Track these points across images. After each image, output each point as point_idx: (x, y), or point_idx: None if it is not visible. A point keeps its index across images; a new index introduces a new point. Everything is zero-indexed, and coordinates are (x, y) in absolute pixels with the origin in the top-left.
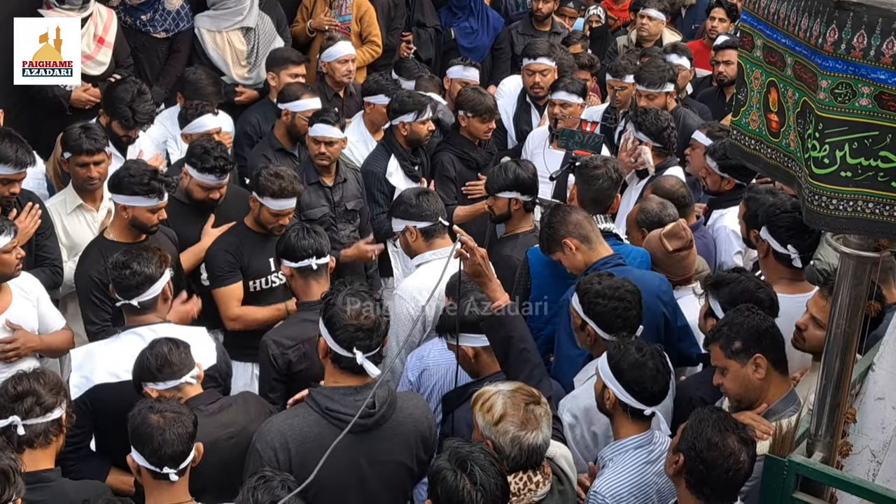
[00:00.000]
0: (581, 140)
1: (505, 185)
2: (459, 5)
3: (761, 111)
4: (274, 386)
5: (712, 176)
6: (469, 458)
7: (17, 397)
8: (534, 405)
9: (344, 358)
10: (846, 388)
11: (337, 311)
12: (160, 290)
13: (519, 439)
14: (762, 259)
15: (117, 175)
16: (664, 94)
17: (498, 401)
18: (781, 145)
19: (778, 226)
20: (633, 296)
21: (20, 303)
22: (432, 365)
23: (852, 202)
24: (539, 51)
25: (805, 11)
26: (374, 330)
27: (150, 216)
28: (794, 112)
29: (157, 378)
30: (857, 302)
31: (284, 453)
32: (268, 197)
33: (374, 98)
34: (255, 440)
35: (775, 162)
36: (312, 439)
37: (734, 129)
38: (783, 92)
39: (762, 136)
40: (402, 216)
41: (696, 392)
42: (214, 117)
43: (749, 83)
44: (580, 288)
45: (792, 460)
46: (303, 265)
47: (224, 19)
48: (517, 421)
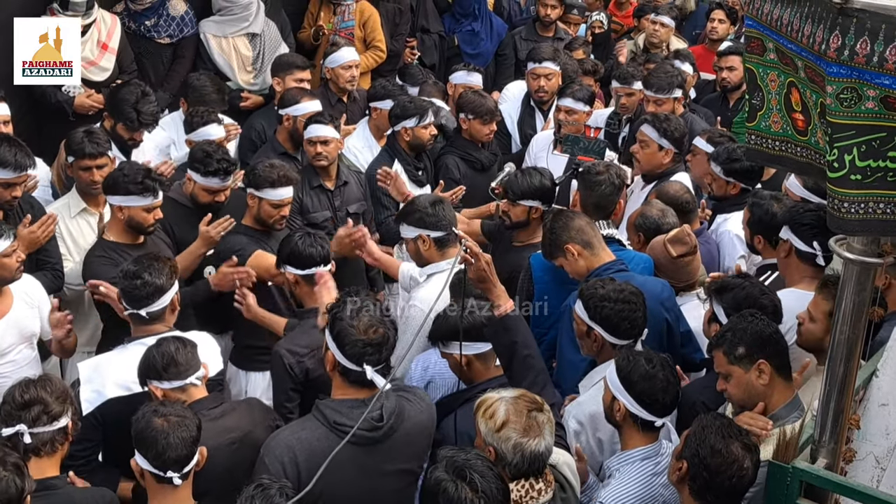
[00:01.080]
0: (584, 145)
1: (528, 193)
2: (463, 11)
3: (783, 111)
4: (291, 395)
5: (718, 181)
6: (466, 467)
7: (25, 405)
8: (536, 412)
9: (353, 371)
10: (850, 395)
11: (345, 326)
12: (169, 301)
13: (521, 446)
14: (783, 259)
15: (111, 176)
16: (672, 100)
17: (500, 407)
18: (811, 143)
19: (802, 224)
20: (638, 298)
21: (21, 306)
22: (438, 378)
23: (864, 204)
24: (544, 54)
25: (808, 18)
26: (383, 344)
27: (146, 215)
28: (816, 112)
29: (163, 377)
30: (861, 308)
31: (293, 467)
32: (266, 188)
33: (381, 103)
34: (262, 453)
35: (807, 159)
36: (321, 453)
37: (752, 134)
38: (803, 92)
39: (788, 135)
40: (415, 224)
41: (699, 397)
42: (219, 126)
43: (765, 86)
44: (584, 293)
45: (796, 466)
46: (309, 273)
47: (230, 25)
48: (519, 428)
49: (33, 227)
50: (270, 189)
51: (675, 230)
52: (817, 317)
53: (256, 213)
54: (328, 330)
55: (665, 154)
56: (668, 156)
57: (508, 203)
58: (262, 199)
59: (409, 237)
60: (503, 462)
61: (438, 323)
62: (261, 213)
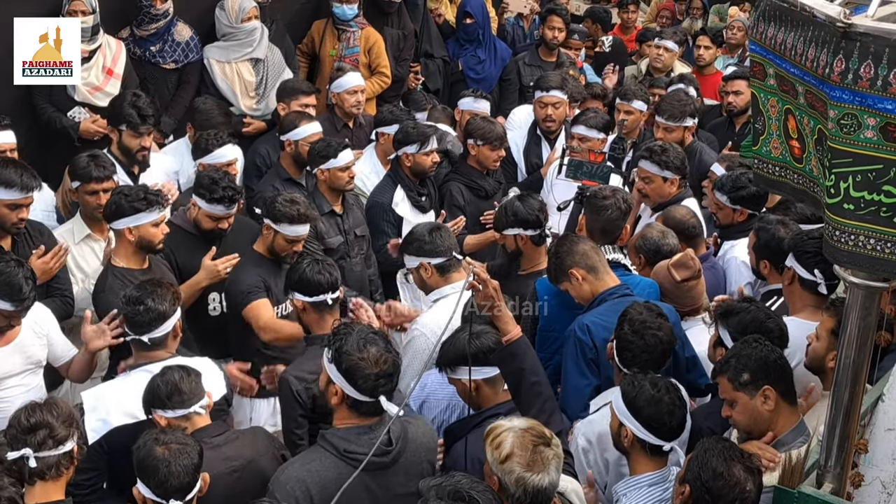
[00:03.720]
0: (588, 170)
1: (507, 224)
2: (467, 37)
3: (782, 137)
4: (300, 422)
5: (724, 210)
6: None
7: (31, 429)
8: (543, 447)
9: (364, 403)
10: (856, 419)
11: (355, 361)
12: (171, 328)
13: (524, 480)
14: (787, 287)
15: (112, 202)
16: (682, 129)
17: (508, 439)
18: (805, 170)
19: (805, 251)
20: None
21: (28, 334)
22: (431, 397)
23: (854, 236)
24: (551, 83)
25: (812, 42)
26: (394, 374)
27: (155, 230)
28: (812, 139)
29: (167, 406)
30: (867, 332)
31: (307, 501)
32: (284, 223)
33: (388, 128)
34: (273, 489)
35: (802, 187)
36: (333, 483)
37: (755, 158)
38: (800, 119)
39: (786, 161)
40: (415, 253)
41: (704, 422)
42: (234, 147)
43: (766, 111)
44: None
45: (802, 491)
46: (318, 300)
47: (233, 50)
48: (524, 462)
49: (46, 258)
50: (288, 225)
51: (679, 255)
52: (821, 334)
53: (270, 243)
54: (334, 366)
55: (671, 183)
56: (673, 184)
57: (500, 235)
58: (279, 232)
59: (412, 266)
60: (506, 493)
61: (446, 348)
62: (274, 245)
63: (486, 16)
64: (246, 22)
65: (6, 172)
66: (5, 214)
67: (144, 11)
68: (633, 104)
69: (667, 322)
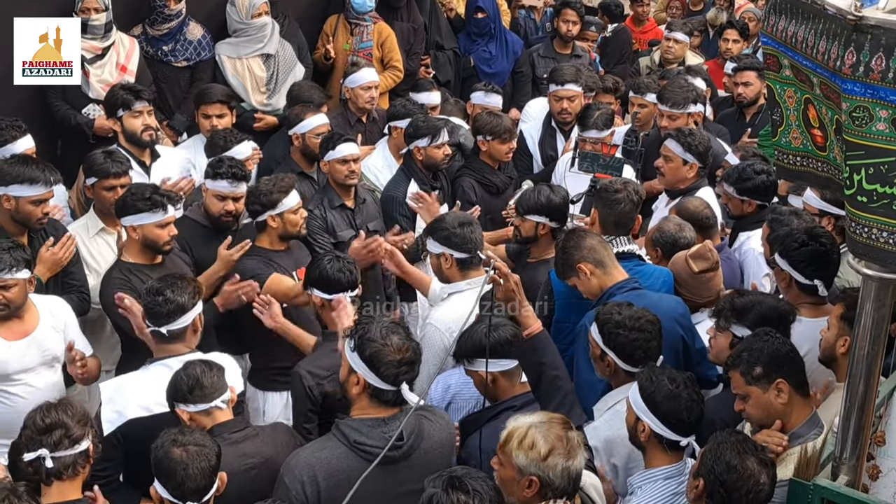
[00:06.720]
0: (602, 162)
1: (534, 208)
2: (479, 32)
3: (802, 127)
4: (310, 417)
5: (733, 200)
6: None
7: (46, 430)
8: (570, 431)
9: (385, 391)
10: (871, 411)
11: (378, 347)
12: (190, 321)
13: (568, 470)
14: (784, 288)
15: (120, 199)
16: (686, 115)
17: (538, 436)
18: (830, 158)
19: (799, 261)
20: (654, 326)
21: (46, 328)
22: (458, 398)
23: (867, 228)
24: (566, 76)
25: (823, 34)
26: (416, 361)
27: (160, 232)
28: (832, 128)
29: (189, 400)
30: (881, 324)
31: (313, 487)
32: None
33: (401, 122)
34: (282, 473)
35: (827, 174)
36: (341, 472)
37: (776, 149)
38: (819, 108)
39: (809, 151)
40: (442, 242)
41: (716, 415)
42: (249, 143)
43: (783, 102)
44: (600, 318)
45: (817, 484)
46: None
47: (244, 46)
48: (564, 452)
49: (55, 249)
50: (285, 199)
51: (697, 246)
52: (831, 322)
53: (282, 230)
54: (357, 353)
55: (689, 168)
56: (692, 170)
57: (518, 217)
58: (283, 213)
59: (434, 252)
60: (550, 487)
61: (463, 340)
62: (287, 227)
63: (496, 10)
64: (256, 18)
65: (29, 170)
66: (31, 211)
67: (158, 11)
68: (647, 97)
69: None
